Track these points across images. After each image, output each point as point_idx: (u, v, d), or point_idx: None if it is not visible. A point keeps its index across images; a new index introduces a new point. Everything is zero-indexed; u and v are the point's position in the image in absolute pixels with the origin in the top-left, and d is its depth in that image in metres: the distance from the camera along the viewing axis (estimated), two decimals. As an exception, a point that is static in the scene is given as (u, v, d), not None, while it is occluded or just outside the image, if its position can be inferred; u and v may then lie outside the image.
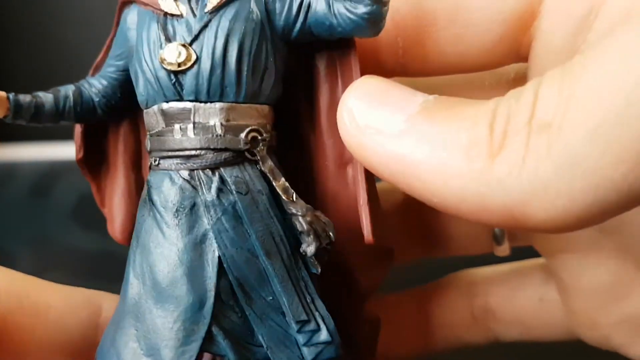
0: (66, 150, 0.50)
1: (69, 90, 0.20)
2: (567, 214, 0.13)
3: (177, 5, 0.17)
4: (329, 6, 0.16)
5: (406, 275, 0.26)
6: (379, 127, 0.15)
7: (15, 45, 0.59)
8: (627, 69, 0.12)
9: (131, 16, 0.18)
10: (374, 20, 0.16)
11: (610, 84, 0.12)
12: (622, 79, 0.12)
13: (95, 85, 0.20)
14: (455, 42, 0.19)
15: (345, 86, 0.17)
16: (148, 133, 0.18)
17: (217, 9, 0.17)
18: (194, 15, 0.17)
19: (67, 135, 0.55)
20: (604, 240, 0.21)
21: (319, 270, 0.17)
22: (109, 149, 0.21)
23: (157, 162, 0.17)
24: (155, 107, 0.17)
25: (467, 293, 0.26)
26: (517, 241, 0.25)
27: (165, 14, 0.17)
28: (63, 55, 0.59)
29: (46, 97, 0.19)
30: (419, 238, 0.26)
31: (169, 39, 0.17)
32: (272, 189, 0.17)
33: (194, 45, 0.17)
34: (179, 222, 0.16)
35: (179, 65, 0.16)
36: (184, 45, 0.16)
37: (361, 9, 0.16)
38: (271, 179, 0.17)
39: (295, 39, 0.18)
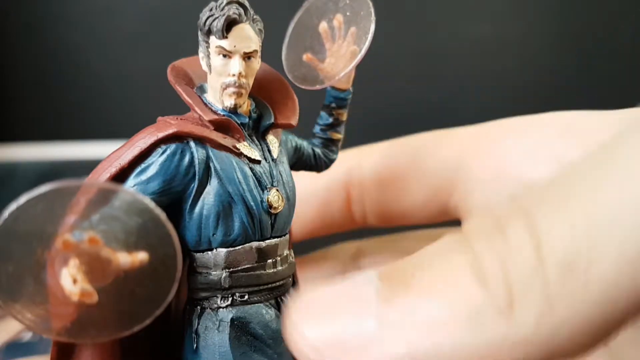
0: (66, 151, 0.50)
1: None
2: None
3: (253, 152, 0.18)
4: (313, 151, 0.21)
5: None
6: (346, 341, 0.13)
7: (15, 45, 0.59)
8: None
9: (197, 154, 0.17)
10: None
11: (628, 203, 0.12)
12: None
13: None
14: (396, 204, 0.24)
15: None
16: (226, 271, 0.18)
17: (279, 153, 0.19)
18: (266, 160, 0.19)
19: (67, 136, 0.55)
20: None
21: None
22: None
23: (244, 297, 0.18)
24: (247, 245, 0.18)
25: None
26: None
27: (248, 158, 0.18)
28: (63, 55, 0.59)
29: None
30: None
31: (260, 183, 0.18)
32: None
33: (279, 189, 0.19)
34: (283, 347, 0.17)
35: (276, 208, 0.18)
36: (277, 190, 0.18)
37: (333, 156, 0.22)
38: None
39: None
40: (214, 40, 0.17)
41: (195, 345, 0.17)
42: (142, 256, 0.13)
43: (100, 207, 0.14)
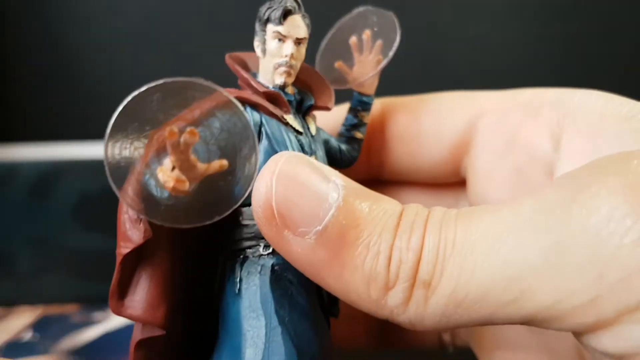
0: (67, 151, 0.50)
1: None
2: (430, 330, 0.17)
3: (296, 124, 0.21)
4: (339, 147, 0.23)
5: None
6: (293, 229, 0.17)
7: (15, 45, 0.59)
8: (494, 258, 0.15)
9: (253, 116, 0.20)
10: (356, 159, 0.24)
11: (481, 262, 0.15)
12: (490, 264, 0.15)
13: None
14: (413, 158, 0.26)
15: None
16: None
17: (317, 132, 0.22)
18: (306, 135, 0.21)
19: (67, 136, 0.55)
20: (531, 339, 0.24)
21: None
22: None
23: (272, 250, 0.19)
24: None
25: None
26: (457, 339, 0.28)
27: (293, 128, 0.20)
28: (64, 55, 0.59)
29: None
30: (377, 331, 0.29)
31: (302, 150, 0.20)
32: None
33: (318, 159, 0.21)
34: (312, 294, 0.20)
35: None
36: (316, 158, 0.20)
37: (355, 154, 0.24)
38: None
39: None
40: (270, 27, 0.20)
41: (238, 288, 0.19)
42: (224, 163, 0.16)
43: (206, 108, 0.16)
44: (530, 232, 0.15)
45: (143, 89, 0.15)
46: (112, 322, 0.43)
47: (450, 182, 0.26)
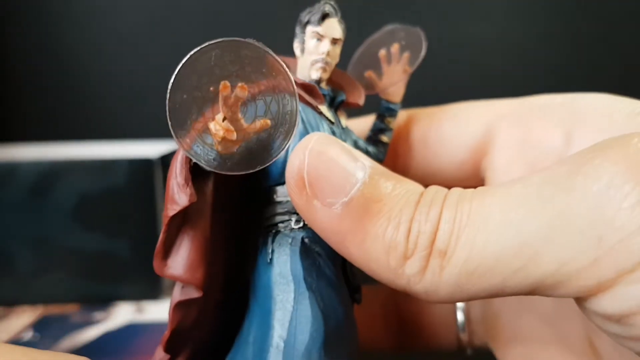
0: (67, 151, 0.50)
1: None
2: (444, 300, 0.18)
3: (329, 115, 0.22)
4: (366, 148, 0.25)
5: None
6: (321, 199, 0.18)
7: (15, 45, 0.59)
8: (507, 226, 0.16)
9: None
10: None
11: (494, 231, 0.17)
12: (502, 233, 0.16)
13: None
14: (436, 161, 0.27)
15: None
16: None
17: (346, 128, 0.23)
18: (337, 126, 0.22)
19: (67, 136, 0.55)
20: (543, 330, 0.25)
21: None
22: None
23: (303, 224, 0.21)
24: None
25: None
26: (475, 337, 0.30)
27: (326, 118, 0.22)
28: (64, 56, 0.59)
29: None
30: (396, 331, 0.31)
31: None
32: None
33: None
34: (338, 266, 0.21)
35: None
36: None
37: (381, 157, 0.25)
38: None
39: None
40: (310, 28, 0.22)
41: (270, 258, 0.20)
42: (267, 122, 0.18)
43: (254, 66, 0.18)
44: (538, 203, 0.16)
45: (204, 45, 0.17)
46: (112, 322, 0.43)
47: (470, 184, 0.28)
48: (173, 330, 0.20)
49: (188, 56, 0.17)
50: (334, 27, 0.22)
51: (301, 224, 0.21)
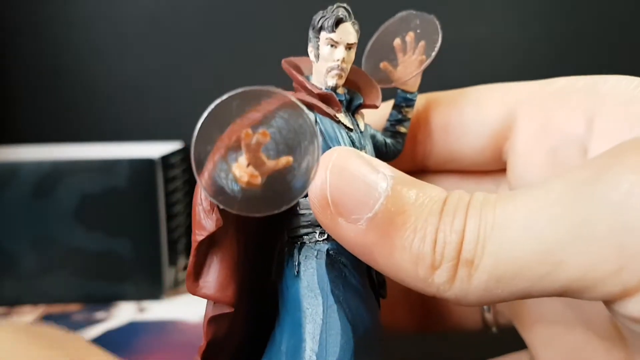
0: (69, 151, 0.50)
1: None
2: (474, 304, 0.19)
3: (347, 122, 0.22)
4: (384, 141, 0.25)
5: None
6: (346, 216, 0.18)
7: (17, 47, 0.59)
8: (530, 234, 0.16)
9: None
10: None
11: (518, 239, 0.17)
12: (526, 241, 0.17)
13: None
14: (457, 147, 0.27)
15: None
16: None
17: (365, 129, 0.23)
18: (356, 131, 0.22)
19: (69, 137, 0.55)
20: (567, 312, 0.25)
21: None
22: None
23: (327, 236, 0.21)
24: None
25: None
26: (500, 317, 0.30)
27: (344, 125, 0.22)
28: (65, 58, 0.59)
29: None
30: (420, 314, 0.30)
31: (353, 145, 0.22)
32: None
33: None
34: (364, 276, 0.21)
35: None
36: (365, 152, 0.21)
37: (399, 147, 0.25)
38: None
39: None
40: (324, 34, 0.22)
41: (296, 271, 0.21)
42: (290, 159, 0.18)
43: (276, 112, 0.18)
44: (560, 210, 0.16)
45: (225, 97, 0.17)
46: (114, 321, 0.43)
47: (491, 169, 0.28)
48: (208, 342, 0.21)
49: (210, 109, 0.17)
50: (349, 32, 0.22)
51: (325, 236, 0.21)
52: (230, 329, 0.21)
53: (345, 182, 0.19)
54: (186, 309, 0.45)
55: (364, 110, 0.24)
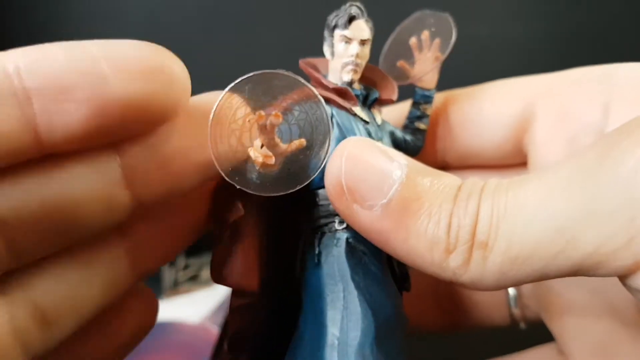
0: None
1: None
2: (490, 288, 0.19)
3: (364, 115, 0.23)
4: (404, 137, 0.25)
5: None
6: (361, 203, 0.19)
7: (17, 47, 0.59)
8: (542, 213, 0.17)
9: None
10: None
11: (531, 219, 0.17)
12: (538, 220, 0.17)
13: None
14: (477, 141, 0.27)
15: None
16: None
17: (382, 123, 0.24)
18: (372, 124, 0.23)
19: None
20: (594, 301, 0.25)
21: None
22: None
23: (346, 225, 0.22)
24: None
25: None
26: (527, 311, 0.30)
27: (361, 119, 0.22)
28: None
29: None
30: (447, 309, 0.31)
31: (370, 137, 0.22)
32: None
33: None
34: (383, 263, 0.22)
35: None
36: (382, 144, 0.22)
37: (419, 144, 0.26)
38: None
39: None
40: (338, 32, 0.23)
41: (317, 260, 0.21)
42: (302, 141, 0.19)
43: (290, 97, 0.19)
44: (571, 188, 0.17)
45: (238, 81, 0.18)
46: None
47: (512, 163, 0.28)
48: (233, 332, 0.22)
49: (224, 93, 0.18)
50: (362, 29, 0.23)
51: (344, 225, 0.21)
52: (254, 318, 0.22)
53: (360, 169, 0.19)
54: (185, 310, 0.44)
55: (383, 109, 0.25)
